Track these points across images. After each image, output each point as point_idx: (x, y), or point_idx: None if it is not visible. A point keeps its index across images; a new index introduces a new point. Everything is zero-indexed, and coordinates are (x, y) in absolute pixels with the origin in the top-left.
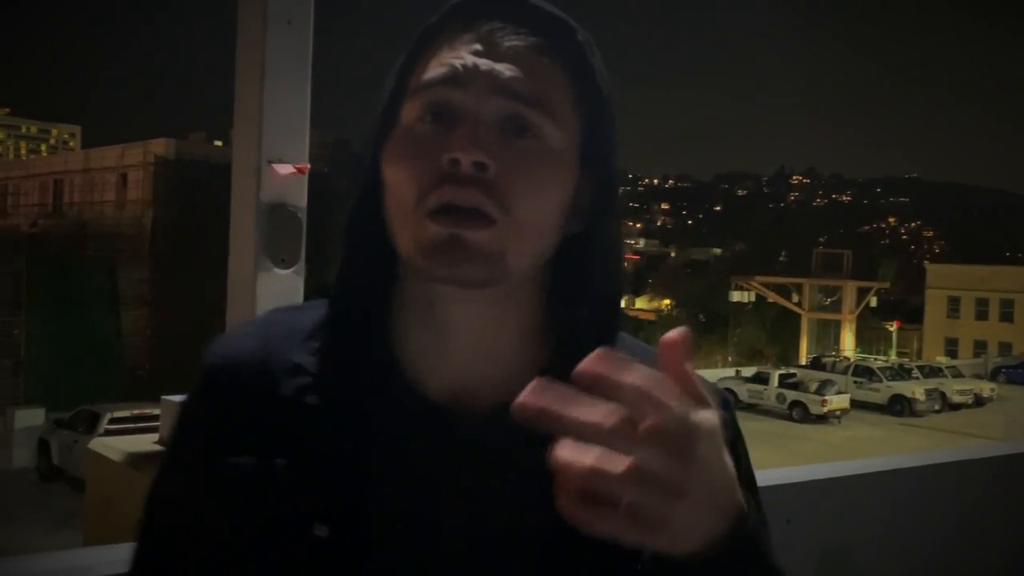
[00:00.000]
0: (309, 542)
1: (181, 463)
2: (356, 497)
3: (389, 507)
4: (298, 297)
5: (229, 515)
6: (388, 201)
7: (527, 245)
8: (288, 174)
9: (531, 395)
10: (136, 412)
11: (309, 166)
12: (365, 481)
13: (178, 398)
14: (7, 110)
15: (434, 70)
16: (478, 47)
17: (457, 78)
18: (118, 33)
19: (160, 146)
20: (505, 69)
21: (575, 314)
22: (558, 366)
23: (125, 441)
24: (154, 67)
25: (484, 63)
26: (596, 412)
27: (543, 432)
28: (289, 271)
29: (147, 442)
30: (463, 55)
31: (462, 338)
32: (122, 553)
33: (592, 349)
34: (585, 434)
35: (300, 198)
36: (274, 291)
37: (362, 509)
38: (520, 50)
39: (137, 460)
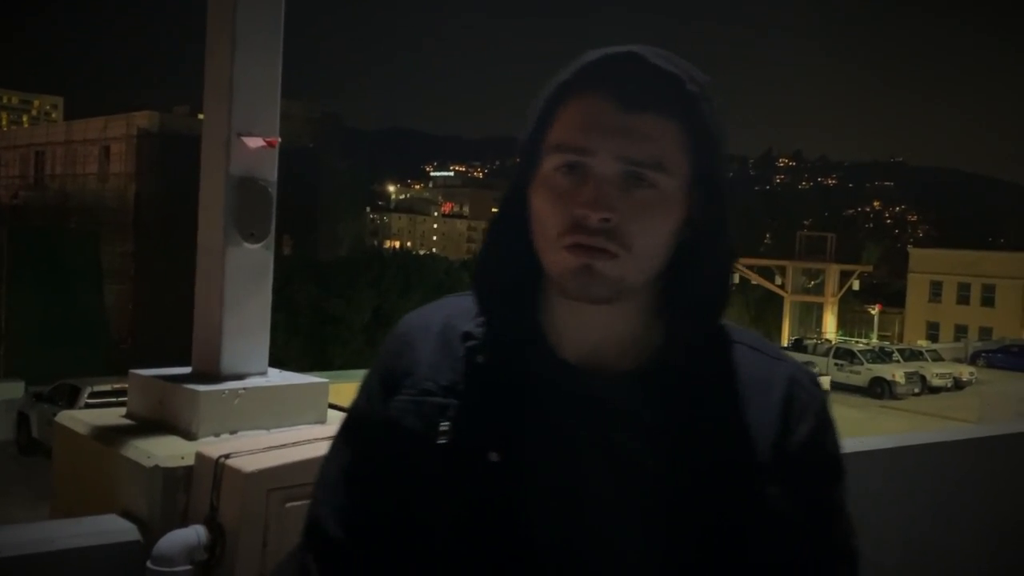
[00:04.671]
0: (485, 465)
1: (376, 399)
2: (516, 432)
3: (538, 442)
4: (267, 272)
5: (417, 441)
6: (534, 226)
7: (644, 268)
8: (258, 147)
9: None
10: (117, 386)
11: (280, 139)
12: (521, 420)
13: (147, 372)
14: None
15: (568, 136)
16: (605, 114)
17: (588, 148)
18: (102, 2)
19: (144, 119)
20: (625, 139)
21: (685, 304)
22: (668, 345)
23: (93, 414)
24: (139, 38)
25: (609, 134)
26: None
27: (651, 394)
28: (258, 246)
29: (115, 415)
30: (592, 125)
31: (590, 323)
32: (87, 526)
33: (698, 332)
34: None
35: (270, 172)
36: (243, 265)
37: (519, 442)
38: (640, 114)
39: (105, 433)
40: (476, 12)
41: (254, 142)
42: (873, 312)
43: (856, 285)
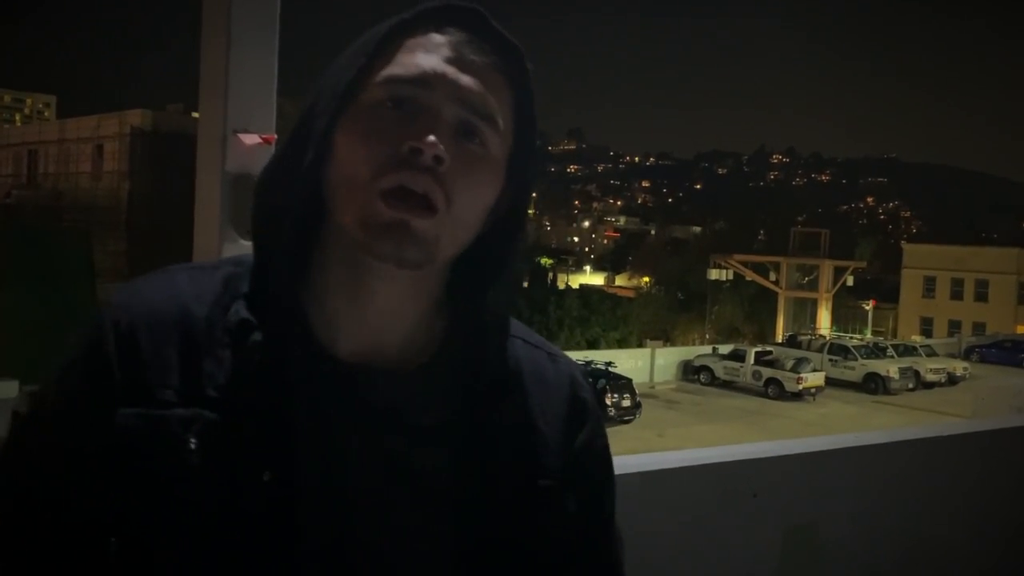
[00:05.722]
0: (253, 486)
1: (80, 413)
2: (280, 446)
3: (307, 455)
4: None
5: (154, 466)
6: (337, 173)
7: (457, 236)
8: (254, 144)
9: None
10: None
11: (276, 136)
12: (283, 432)
13: None
14: None
15: (406, 67)
16: (448, 54)
17: (426, 80)
18: (95, 0)
19: (136, 117)
20: (468, 81)
21: (475, 295)
22: (453, 337)
23: None
24: (132, 36)
25: (451, 71)
26: None
27: (438, 394)
28: None
29: None
30: (434, 59)
31: (376, 306)
32: None
33: (485, 326)
34: None
35: None
36: None
37: (283, 457)
38: (481, 66)
39: None
40: None
41: (250, 139)
42: (867, 308)
43: (850, 281)
